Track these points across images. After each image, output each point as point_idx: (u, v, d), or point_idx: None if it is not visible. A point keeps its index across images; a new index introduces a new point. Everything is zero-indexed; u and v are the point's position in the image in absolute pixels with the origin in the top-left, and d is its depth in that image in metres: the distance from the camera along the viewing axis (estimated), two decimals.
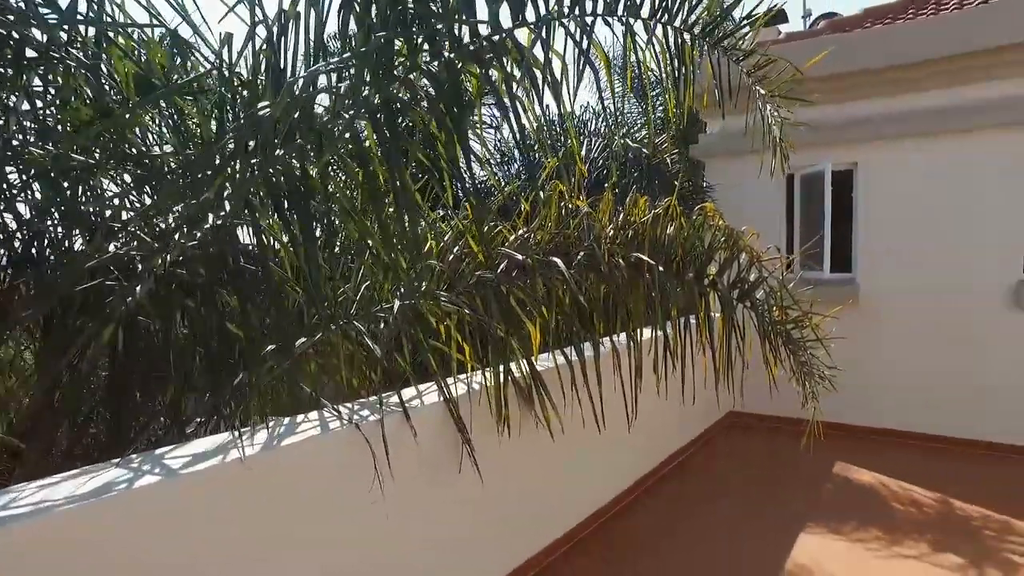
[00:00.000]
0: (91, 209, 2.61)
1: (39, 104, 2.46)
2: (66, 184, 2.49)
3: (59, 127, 2.56)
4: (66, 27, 2.40)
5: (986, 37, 5.48)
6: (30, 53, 2.30)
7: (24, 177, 2.46)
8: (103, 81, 2.50)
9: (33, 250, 2.62)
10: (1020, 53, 5.44)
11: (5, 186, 2.39)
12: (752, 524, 4.37)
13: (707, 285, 2.95)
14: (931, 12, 6.35)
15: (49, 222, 2.59)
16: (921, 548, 3.97)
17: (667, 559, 3.86)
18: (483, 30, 2.41)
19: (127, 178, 2.71)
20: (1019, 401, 5.69)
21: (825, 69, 4.81)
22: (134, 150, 2.59)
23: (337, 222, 2.77)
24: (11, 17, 2.21)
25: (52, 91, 2.47)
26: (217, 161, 2.25)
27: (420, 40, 2.38)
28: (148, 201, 2.65)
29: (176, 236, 2.40)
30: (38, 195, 2.54)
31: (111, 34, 2.54)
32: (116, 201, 2.65)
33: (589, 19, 2.58)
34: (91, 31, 2.53)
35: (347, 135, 2.33)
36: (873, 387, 6.05)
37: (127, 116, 2.43)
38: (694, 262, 2.93)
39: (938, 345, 5.94)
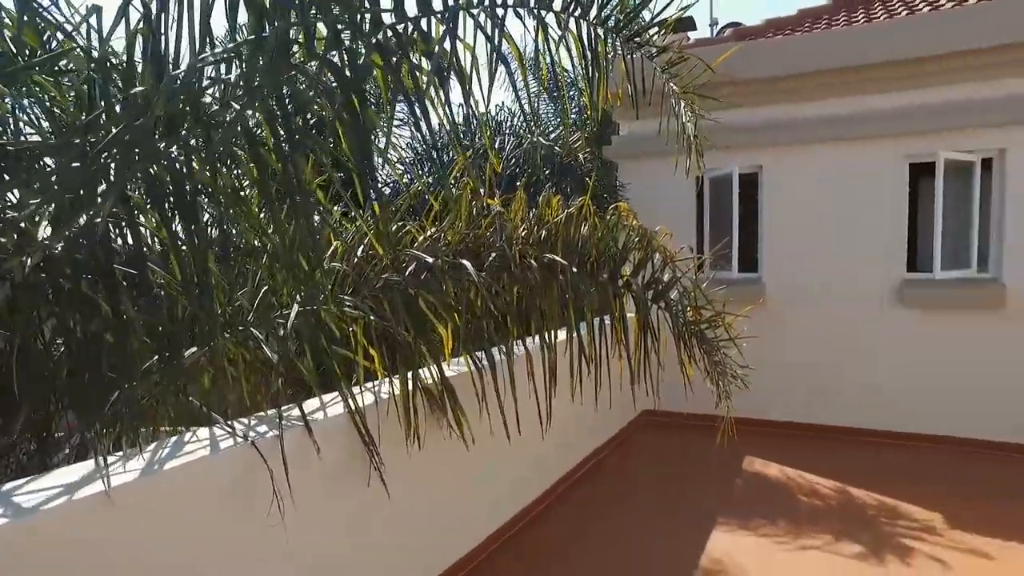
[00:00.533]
0: None
1: None
2: None
3: None
4: None
5: (861, 54, 5.85)
6: None
7: None
8: None
9: None
10: (889, 70, 5.83)
11: None
12: (665, 522, 4.42)
13: (622, 286, 2.92)
14: (824, 26, 6.68)
15: None
16: (824, 538, 4.12)
17: (577, 564, 3.82)
18: (387, 19, 2.27)
19: None
20: (904, 391, 6.07)
21: (732, 75, 4.96)
22: None
23: (229, 222, 2.55)
24: None
25: None
26: (88, 151, 1.99)
27: (318, 26, 2.21)
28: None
29: (41, 236, 2.12)
30: None
31: None
32: None
33: (500, 11, 2.48)
34: None
35: (239, 128, 2.13)
36: (779, 383, 6.29)
37: None
38: (608, 263, 2.90)
39: (832, 341, 6.26)
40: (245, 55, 2.17)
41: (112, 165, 2.01)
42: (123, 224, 2.29)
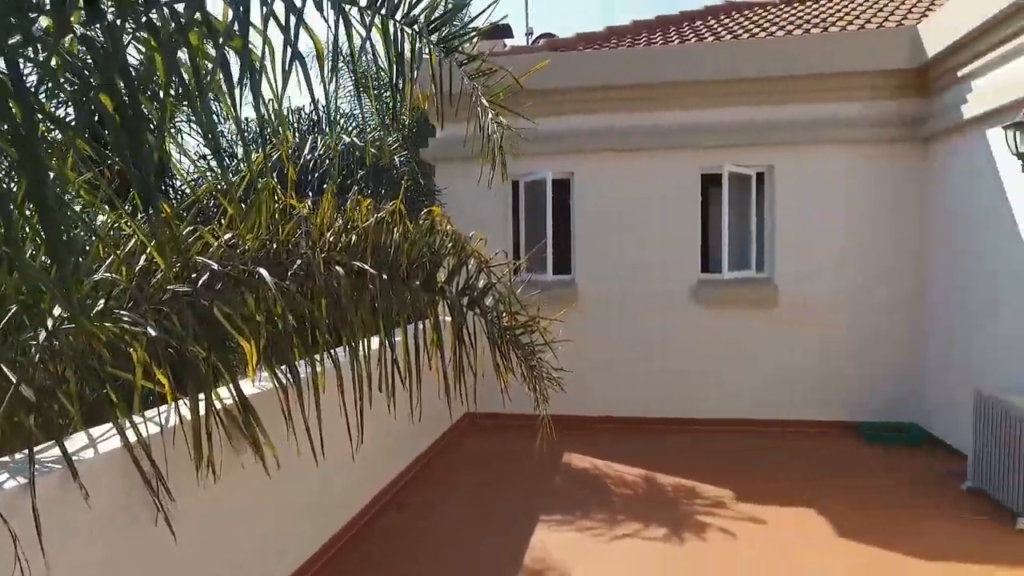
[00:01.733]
0: None
1: None
2: None
3: None
4: None
5: (656, 73, 6.41)
6: None
7: None
8: None
9: None
10: (679, 89, 6.44)
11: None
12: (488, 525, 4.44)
13: (436, 293, 2.86)
14: (628, 44, 7.16)
15: None
16: (635, 525, 4.38)
17: None
18: None
19: None
20: (701, 381, 6.69)
21: (546, 83, 5.11)
22: None
23: None
24: None
25: None
26: None
27: None
28: None
29: None
30: None
31: None
32: None
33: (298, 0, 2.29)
34: None
35: None
36: (594, 379, 6.63)
37: None
38: (422, 269, 2.83)
39: (640, 338, 6.73)
40: None
41: None
42: None
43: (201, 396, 2.42)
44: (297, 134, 6.36)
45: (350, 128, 7.15)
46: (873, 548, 3.96)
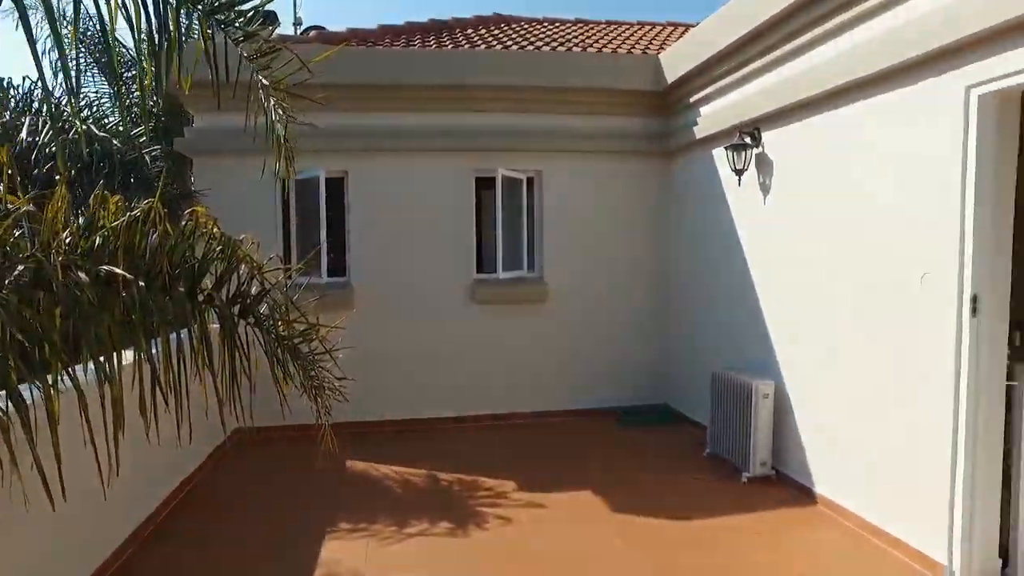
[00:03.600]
0: None
1: None
2: None
3: None
4: None
5: (430, 75, 6.46)
6: None
7: None
8: None
9: None
10: (447, 93, 6.57)
11: None
12: (271, 546, 4.14)
13: (202, 301, 2.57)
14: (402, 45, 7.16)
15: None
16: (423, 524, 4.41)
17: None
18: None
19: None
20: (476, 379, 6.92)
21: (318, 78, 4.87)
22: None
23: None
24: None
25: None
26: None
27: None
28: None
29: None
30: None
31: None
32: None
33: None
34: None
35: None
36: (377, 384, 6.51)
37: None
38: (185, 275, 2.53)
39: (419, 340, 6.77)
40: None
41: None
42: None
43: None
44: (8, 112, 5.32)
45: (87, 113, 6.15)
46: (639, 517, 4.47)
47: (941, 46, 3.38)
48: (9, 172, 2.23)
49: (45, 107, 5.01)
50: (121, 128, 5.70)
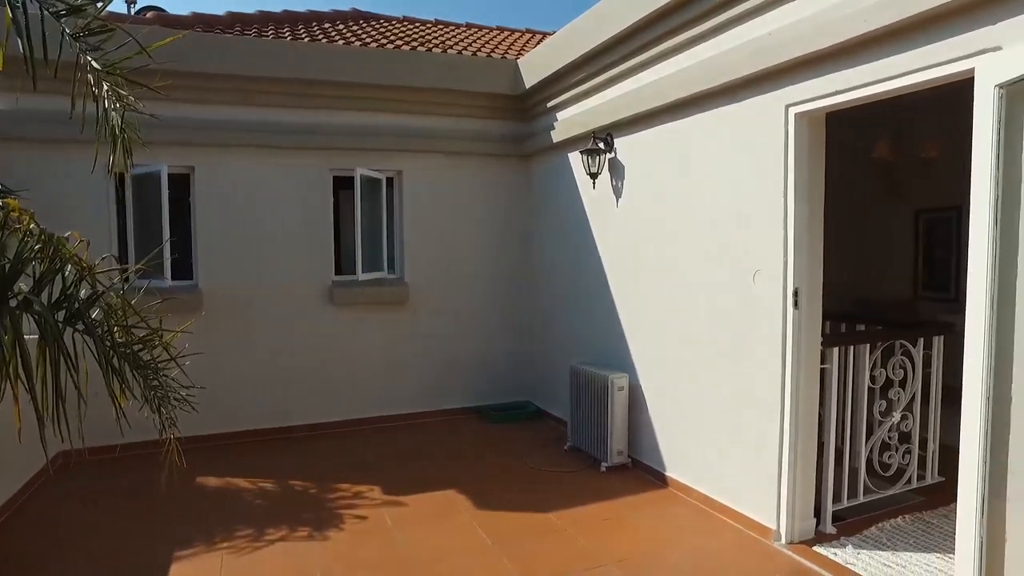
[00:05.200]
0: None
1: None
2: None
3: None
4: None
5: (282, 69, 6.15)
6: None
7: None
8: None
9: None
10: (302, 87, 6.34)
11: None
12: (119, 567, 3.77)
13: (16, 307, 2.27)
14: (254, 34, 6.78)
15: None
16: (281, 531, 4.24)
17: None
18: None
19: None
20: (335, 382, 6.73)
21: (157, 63, 4.49)
22: None
23: None
24: None
25: None
26: None
27: None
28: None
29: None
30: None
31: None
32: None
33: None
34: None
35: None
36: (229, 393, 6.15)
37: None
38: None
39: (272, 345, 6.47)
40: None
41: None
42: None
43: None
44: None
45: None
46: (501, 511, 4.53)
47: (765, 68, 3.78)
48: None
49: None
50: None
